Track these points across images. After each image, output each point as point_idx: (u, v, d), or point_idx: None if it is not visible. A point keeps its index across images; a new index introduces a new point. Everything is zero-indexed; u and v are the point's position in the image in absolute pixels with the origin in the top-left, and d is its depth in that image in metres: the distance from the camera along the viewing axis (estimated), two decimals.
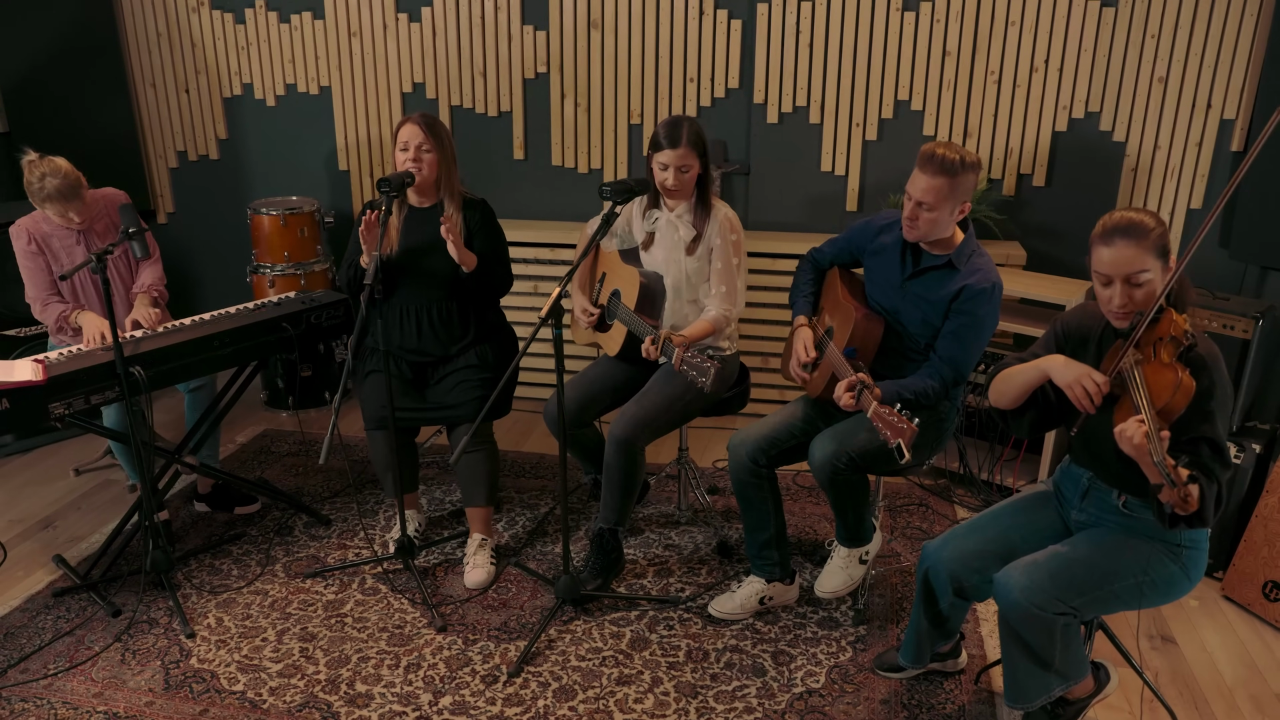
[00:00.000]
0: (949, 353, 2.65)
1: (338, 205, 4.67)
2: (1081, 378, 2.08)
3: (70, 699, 2.65)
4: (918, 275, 2.71)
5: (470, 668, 2.76)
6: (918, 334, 2.73)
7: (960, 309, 2.62)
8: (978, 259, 2.67)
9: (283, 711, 2.60)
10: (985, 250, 2.72)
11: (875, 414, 2.40)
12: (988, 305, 2.61)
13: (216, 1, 4.48)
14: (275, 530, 3.49)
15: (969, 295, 2.60)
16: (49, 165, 3.09)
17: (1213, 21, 3.69)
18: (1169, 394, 1.94)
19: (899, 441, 2.32)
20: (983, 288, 2.60)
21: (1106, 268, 2.08)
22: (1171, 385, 1.94)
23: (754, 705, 2.60)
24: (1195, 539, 2.20)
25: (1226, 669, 2.78)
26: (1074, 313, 2.33)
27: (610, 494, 3.07)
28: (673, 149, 2.91)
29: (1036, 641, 2.16)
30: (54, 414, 2.82)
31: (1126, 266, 2.05)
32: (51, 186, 3.07)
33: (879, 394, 2.50)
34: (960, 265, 2.65)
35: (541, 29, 4.22)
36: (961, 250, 2.67)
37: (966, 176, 2.54)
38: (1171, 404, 1.94)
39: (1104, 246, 2.08)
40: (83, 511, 3.66)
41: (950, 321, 2.65)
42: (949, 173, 2.52)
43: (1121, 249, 2.05)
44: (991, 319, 2.65)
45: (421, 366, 3.26)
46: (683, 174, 2.95)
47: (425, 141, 3.06)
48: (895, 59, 3.96)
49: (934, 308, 2.67)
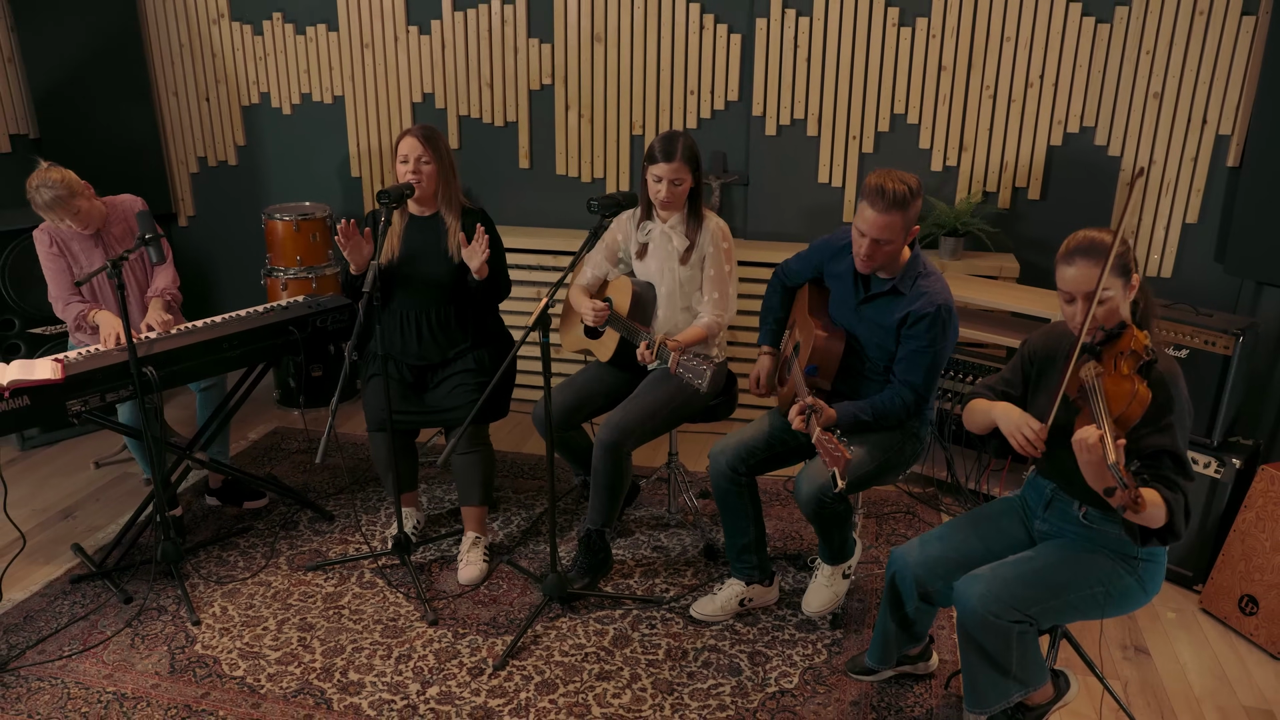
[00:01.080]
0: (905, 376, 2.70)
1: (350, 211, 4.81)
2: (1021, 427, 2.18)
3: (82, 679, 2.79)
4: (869, 300, 2.76)
5: (458, 660, 2.88)
6: (876, 357, 2.78)
7: (909, 334, 2.66)
8: (923, 281, 2.68)
9: (278, 697, 2.72)
10: (934, 269, 2.73)
11: (817, 440, 2.45)
12: (934, 329, 2.63)
13: (236, 13, 4.64)
14: (281, 524, 3.62)
15: (913, 321, 2.64)
16: (42, 176, 3.24)
17: (1208, 38, 3.72)
18: (1125, 403, 2.01)
19: (834, 470, 2.39)
20: (926, 313, 2.62)
21: (1069, 285, 2.15)
22: (1128, 395, 2.01)
23: (727, 703, 2.69)
24: (1153, 553, 2.26)
25: (1196, 680, 2.83)
26: (1040, 335, 2.40)
27: (597, 496, 3.17)
28: (667, 163, 3.01)
29: (993, 648, 2.23)
30: (71, 411, 2.97)
31: (1087, 285, 2.11)
32: (43, 197, 3.22)
33: (830, 416, 2.57)
34: (905, 290, 2.68)
35: (546, 42, 4.33)
36: (906, 273, 2.70)
37: (915, 204, 2.58)
38: (1127, 413, 2.02)
39: (1066, 266, 2.15)
40: (101, 503, 3.82)
41: (902, 347, 2.69)
42: (901, 206, 2.54)
43: (1082, 268, 2.12)
44: (944, 340, 2.66)
45: (421, 370, 3.38)
46: (675, 187, 3.05)
47: (424, 154, 3.17)
48: (891, 74, 4.04)
49: (886, 333, 2.72)
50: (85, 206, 3.32)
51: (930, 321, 2.63)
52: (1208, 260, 3.95)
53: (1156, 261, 4.00)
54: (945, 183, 4.12)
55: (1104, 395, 2.03)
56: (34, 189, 3.23)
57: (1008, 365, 2.43)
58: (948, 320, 2.66)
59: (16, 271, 4.04)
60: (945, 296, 2.67)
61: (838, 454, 2.36)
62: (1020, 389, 2.39)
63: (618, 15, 4.21)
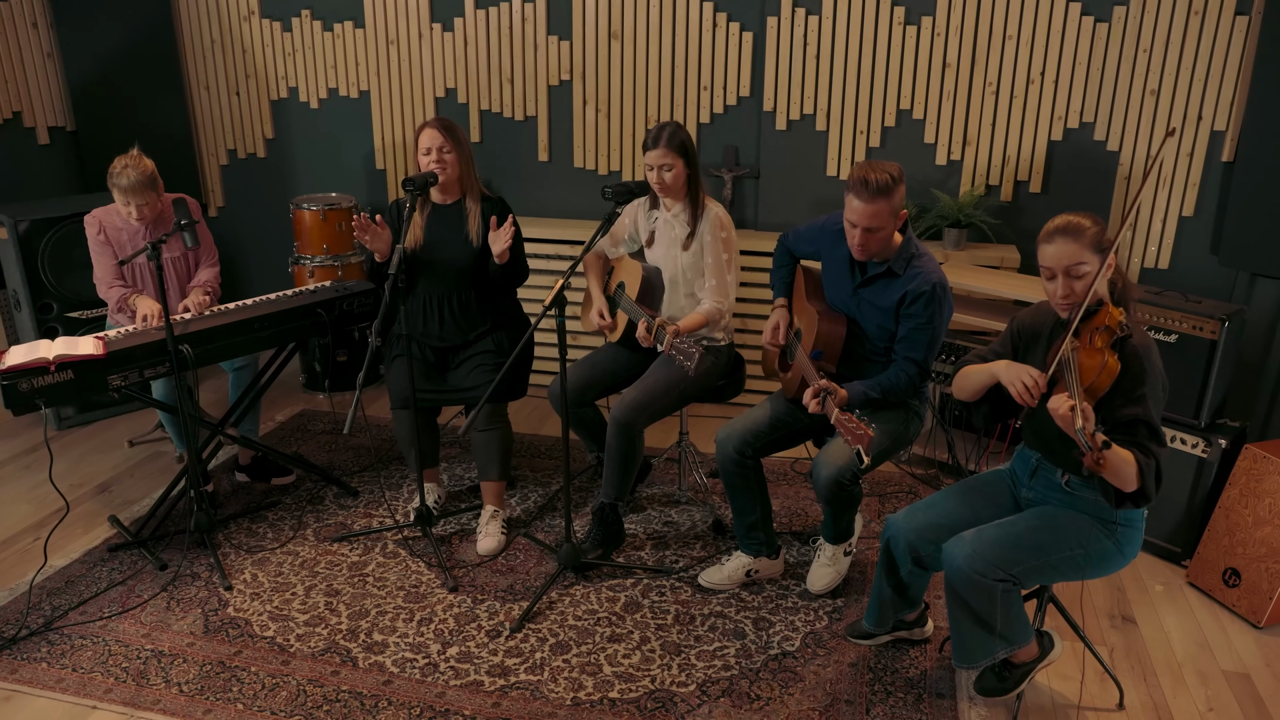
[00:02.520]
0: (907, 353, 2.85)
1: (375, 202, 4.98)
2: (1020, 375, 2.32)
3: (122, 638, 2.96)
4: (866, 284, 2.91)
5: (477, 623, 3.03)
6: (876, 338, 2.93)
7: (907, 313, 2.81)
8: (917, 262, 2.83)
9: (307, 655, 2.89)
10: (925, 250, 2.89)
11: (837, 420, 2.58)
12: (931, 305, 2.78)
13: (266, 11, 4.82)
14: (307, 499, 3.79)
15: (911, 299, 2.79)
16: (133, 159, 3.44)
17: (1203, 36, 3.85)
18: (1095, 374, 2.18)
19: (858, 447, 2.52)
20: (923, 291, 2.78)
21: (1050, 261, 2.31)
22: (1098, 366, 2.18)
23: (732, 664, 2.84)
24: (1130, 518, 2.40)
25: (1179, 647, 2.96)
26: (1028, 313, 2.55)
27: (611, 471, 3.32)
28: (655, 149, 3.17)
29: (979, 606, 2.37)
30: (112, 385, 3.15)
31: (1066, 260, 2.28)
32: (127, 178, 3.40)
33: (844, 397, 2.71)
34: (900, 271, 2.83)
35: (565, 39, 4.49)
36: (900, 255, 2.84)
37: (898, 190, 2.72)
38: (1097, 382, 2.18)
39: (1046, 244, 2.32)
40: (135, 478, 4.00)
41: (902, 325, 2.84)
42: (885, 194, 2.69)
43: (1061, 245, 2.29)
44: (940, 315, 2.81)
45: (443, 351, 3.54)
46: (665, 173, 3.19)
47: (445, 143, 3.33)
48: (898, 70, 4.18)
49: (885, 314, 2.87)
50: (153, 199, 3.50)
51: (927, 299, 2.79)
52: (1203, 252, 4.07)
53: (1154, 253, 4.13)
54: (949, 176, 4.26)
55: (1077, 367, 2.19)
56: (120, 170, 3.41)
57: (997, 339, 2.58)
58: (943, 296, 2.82)
59: (55, 258, 4.22)
60: (939, 274, 2.83)
61: (860, 432, 2.49)
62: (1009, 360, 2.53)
63: (634, 13, 4.36)
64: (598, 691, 2.73)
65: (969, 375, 2.53)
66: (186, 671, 2.82)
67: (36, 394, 3.00)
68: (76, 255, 4.25)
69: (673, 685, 2.75)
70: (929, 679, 2.79)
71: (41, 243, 4.17)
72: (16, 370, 2.96)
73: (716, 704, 2.68)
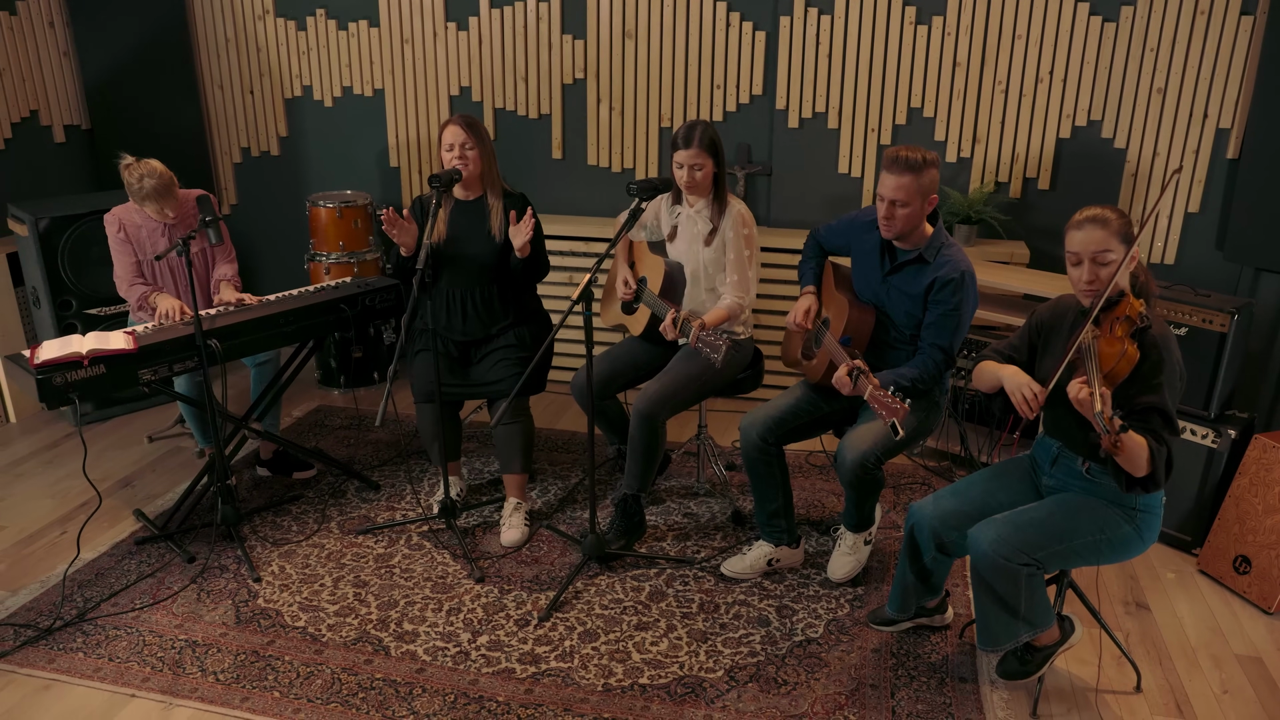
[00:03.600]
0: (935, 339, 2.92)
1: (389, 199, 5.03)
2: (1022, 387, 2.40)
3: (155, 629, 3.01)
4: (895, 271, 2.98)
5: (505, 613, 3.09)
6: (903, 325, 3.00)
7: (936, 299, 2.89)
8: (946, 251, 2.92)
9: (339, 644, 2.94)
10: (954, 241, 2.97)
11: (872, 396, 2.65)
12: (960, 292, 2.86)
13: (281, 10, 4.86)
14: (330, 493, 3.84)
15: (940, 286, 2.87)
16: (145, 167, 3.46)
17: (1209, 35, 3.93)
18: (1114, 361, 2.24)
19: (893, 420, 2.59)
20: (952, 278, 2.86)
21: (1077, 247, 2.37)
22: (1117, 354, 2.25)
23: (758, 650, 2.90)
24: (1149, 504, 2.46)
25: (1193, 632, 3.03)
26: (1046, 308, 2.61)
27: (634, 463, 3.38)
28: (686, 149, 3.23)
29: (1004, 590, 2.44)
30: (143, 380, 3.19)
31: (1094, 246, 2.34)
32: (149, 186, 3.44)
33: (875, 381, 2.78)
34: (930, 259, 2.91)
35: (580, 38, 4.54)
36: (931, 244, 2.93)
37: (929, 171, 2.81)
38: (1115, 370, 2.25)
39: (1075, 231, 2.38)
40: (157, 473, 4.04)
41: (930, 312, 2.92)
42: (914, 169, 2.78)
43: (1090, 231, 2.35)
44: (967, 304, 2.89)
45: (465, 346, 3.59)
46: (695, 172, 3.26)
47: (468, 140, 3.39)
48: (909, 69, 4.24)
49: (914, 301, 2.94)
50: (178, 196, 3.55)
51: (955, 285, 2.86)
52: (1209, 248, 4.15)
53: (1160, 249, 4.20)
54: (959, 173, 4.33)
55: (1097, 354, 2.26)
56: (137, 180, 3.44)
57: (1015, 333, 2.65)
58: (970, 285, 2.90)
59: (75, 255, 4.26)
60: (967, 264, 2.91)
61: (895, 405, 2.56)
62: (1025, 355, 2.60)
63: (648, 12, 4.42)
64: (628, 678, 2.78)
65: (984, 371, 2.60)
66: (221, 660, 2.86)
67: (70, 388, 3.04)
68: (95, 252, 4.28)
69: (701, 671, 2.81)
70: (951, 664, 2.85)
71: (61, 240, 4.20)
72: (51, 365, 3.00)
73: (745, 689, 2.74)
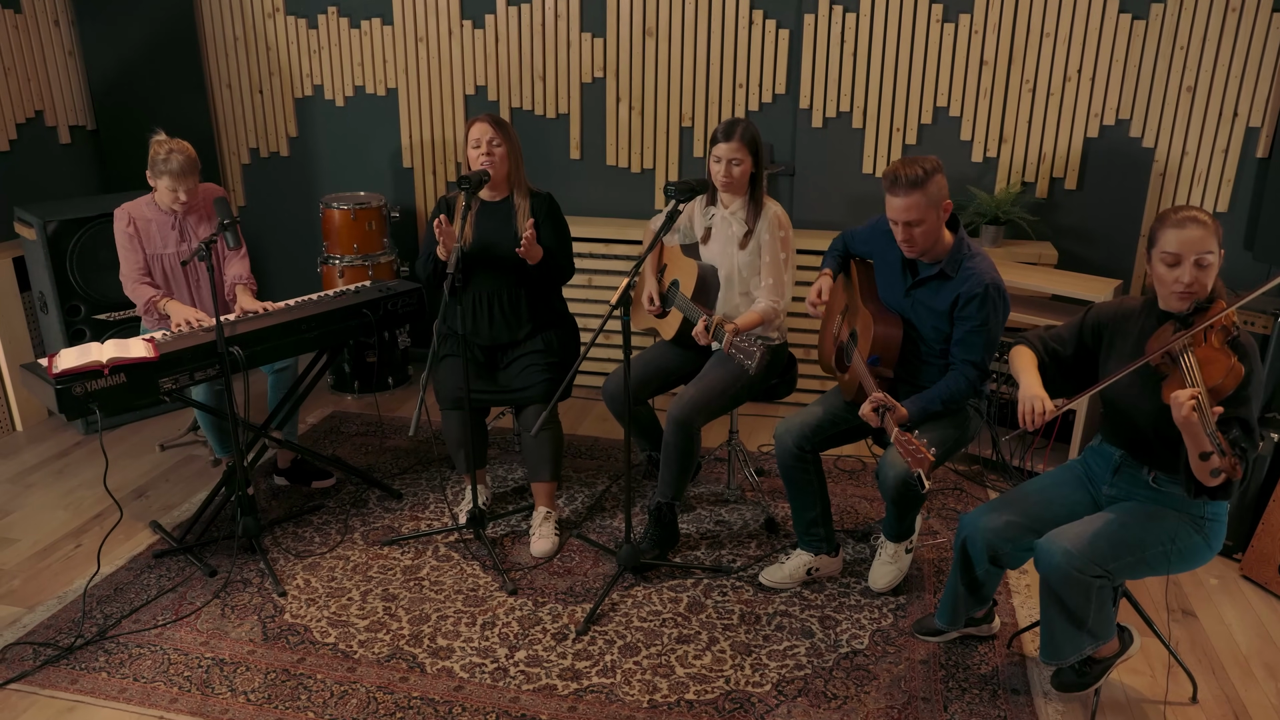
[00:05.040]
0: (965, 356, 2.83)
1: (402, 201, 4.93)
2: (1032, 401, 2.36)
3: (180, 646, 2.92)
4: (918, 286, 2.89)
5: (541, 626, 3.01)
6: (932, 339, 2.90)
7: (961, 316, 2.79)
8: (969, 263, 2.81)
9: (372, 661, 2.85)
10: (979, 250, 2.85)
11: (896, 440, 2.58)
12: (986, 307, 2.75)
13: (291, 8, 4.76)
14: (351, 503, 3.75)
15: (965, 302, 2.77)
16: (177, 144, 3.42)
17: (1239, 34, 3.88)
18: (1221, 375, 2.13)
19: (919, 471, 2.51)
20: (976, 293, 2.75)
21: (1178, 247, 2.24)
22: (1225, 368, 2.14)
23: (804, 663, 2.83)
24: (1216, 512, 2.41)
25: (1242, 640, 2.98)
26: (1107, 307, 2.54)
27: (668, 470, 3.30)
28: (726, 142, 3.15)
29: (1074, 602, 2.37)
30: (164, 389, 3.10)
31: (1197, 246, 2.23)
32: (176, 162, 3.37)
33: (903, 414, 2.69)
34: (953, 273, 2.81)
35: (599, 36, 4.46)
36: (953, 257, 2.82)
37: (934, 180, 2.70)
38: (1223, 385, 2.14)
39: (1175, 230, 2.25)
40: (171, 483, 3.94)
41: (957, 329, 2.82)
42: (918, 185, 2.67)
43: (1194, 230, 2.23)
44: (996, 317, 2.78)
45: (492, 351, 3.51)
46: (734, 167, 3.18)
47: (495, 136, 3.30)
48: (935, 68, 4.18)
49: (939, 316, 2.85)
50: (197, 182, 3.50)
51: (981, 301, 2.76)
52: (1237, 248, 4.11)
53: None
54: (985, 173, 4.27)
55: (1198, 366, 2.14)
56: (165, 153, 3.39)
57: (1065, 325, 2.57)
58: (998, 298, 2.79)
59: (84, 258, 4.15)
60: (993, 275, 2.79)
61: (921, 456, 2.48)
62: (1071, 350, 2.53)
63: (669, 10, 4.34)
64: (673, 693, 2.71)
65: (1017, 360, 2.56)
66: (251, 680, 2.77)
67: (90, 398, 2.94)
68: (104, 256, 4.18)
69: (748, 686, 2.74)
70: (1001, 675, 2.79)
71: (70, 244, 4.10)
72: (70, 374, 2.91)
73: (794, 704, 2.67)
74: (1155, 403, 2.28)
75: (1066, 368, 2.57)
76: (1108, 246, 4.23)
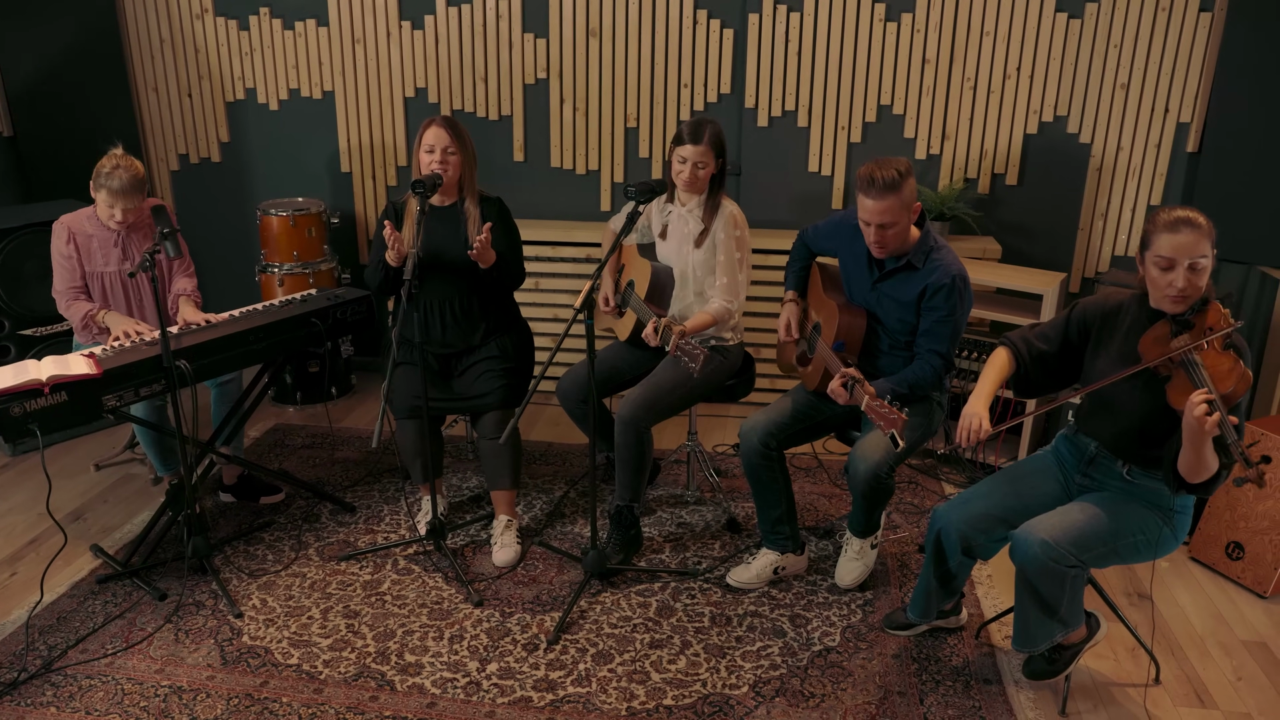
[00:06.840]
0: (931, 345, 2.87)
1: (341, 206, 4.81)
2: (972, 418, 2.45)
3: (133, 675, 2.79)
4: (885, 278, 2.93)
5: (510, 637, 2.95)
6: (897, 331, 2.94)
7: (929, 306, 2.84)
8: (936, 254, 2.86)
9: (339, 681, 2.76)
10: (944, 243, 2.92)
11: (869, 406, 2.61)
12: (953, 298, 2.81)
13: (221, 9, 4.60)
14: (303, 518, 3.64)
15: (932, 293, 2.82)
16: (126, 160, 3.27)
17: (1169, 32, 4.01)
18: (1232, 382, 2.15)
19: (892, 431, 2.55)
20: (943, 284, 2.80)
21: (1172, 251, 2.24)
22: (1235, 374, 2.16)
23: (779, 662, 2.83)
24: (1184, 504, 2.47)
25: (1197, 621, 3.07)
26: (1093, 302, 2.56)
27: (623, 472, 3.28)
28: (694, 145, 3.14)
29: (1049, 592, 2.41)
30: (107, 406, 2.96)
31: (1191, 250, 2.23)
32: (118, 179, 3.23)
33: (871, 390, 2.73)
34: (919, 264, 2.86)
35: (541, 36, 4.41)
36: (919, 248, 2.87)
37: (907, 184, 2.74)
38: (1235, 391, 2.15)
39: (1170, 234, 2.25)
40: (110, 504, 3.77)
41: (924, 319, 2.87)
42: (894, 189, 2.70)
43: (1187, 235, 2.23)
44: (962, 308, 2.84)
45: (446, 358, 3.44)
46: (699, 170, 3.17)
47: (450, 144, 3.23)
48: (878, 66, 4.23)
49: (905, 308, 2.89)
50: (139, 203, 3.35)
51: (948, 291, 2.82)
52: None
53: (1124, 240, 4.28)
54: (929, 170, 4.33)
55: (1207, 372, 2.14)
56: (110, 168, 3.24)
57: (1049, 323, 2.61)
58: (964, 289, 2.85)
59: (7, 272, 3.96)
60: (959, 267, 2.85)
61: (893, 416, 2.51)
62: (1056, 347, 2.58)
63: (612, 10, 4.31)
64: (651, 699, 2.69)
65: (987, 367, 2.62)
66: (213, 707, 2.66)
67: (29, 418, 2.80)
68: (29, 269, 4.00)
69: (725, 688, 2.73)
70: (972, 666, 2.83)
71: None
72: (8, 394, 2.76)
73: (773, 704, 2.66)
74: (1147, 403, 2.32)
75: (1050, 366, 2.60)
76: (1048, 240, 4.34)
